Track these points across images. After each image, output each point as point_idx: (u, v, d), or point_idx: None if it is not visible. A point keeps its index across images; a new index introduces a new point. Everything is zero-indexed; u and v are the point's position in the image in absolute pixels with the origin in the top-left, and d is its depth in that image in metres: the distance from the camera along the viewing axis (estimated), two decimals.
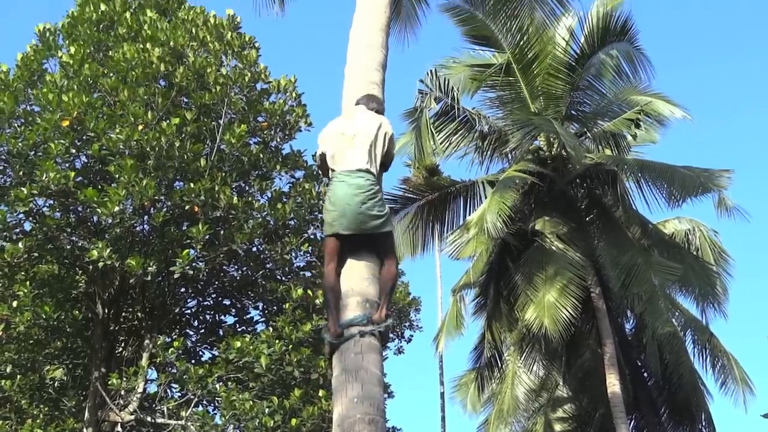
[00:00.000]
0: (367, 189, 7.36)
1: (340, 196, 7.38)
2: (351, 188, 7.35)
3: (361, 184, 7.38)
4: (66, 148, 15.04)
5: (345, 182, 7.41)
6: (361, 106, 8.03)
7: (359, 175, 7.43)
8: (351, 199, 7.31)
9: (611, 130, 21.07)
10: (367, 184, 7.39)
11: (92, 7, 17.20)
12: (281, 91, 17.19)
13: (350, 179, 7.41)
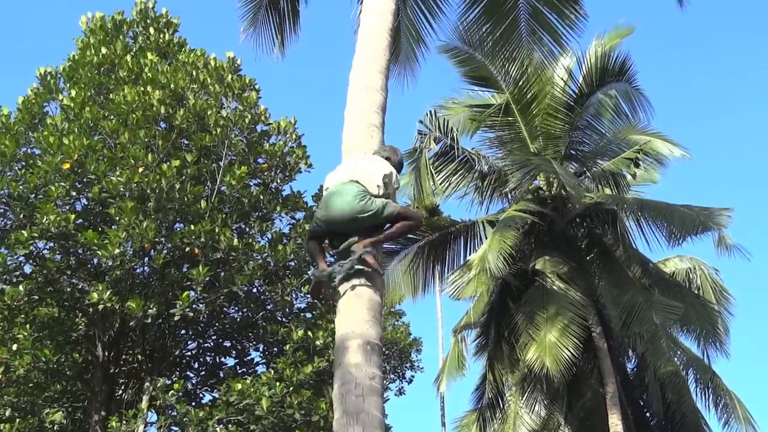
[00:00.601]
0: (355, 193, 7.41)
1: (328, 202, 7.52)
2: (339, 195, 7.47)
3: (348, 189, 7.47)
4: (66, 191, 15.08)
5: (334, 190, 7.55)
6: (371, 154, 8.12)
7: (348, 183, 7.52)
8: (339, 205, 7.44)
9: (611, 170, 21.10)
10: (355, 188, 7.45)
11: (93, 51, 17.32)
12: (281, 132, 17.26)
13: (339, 186, 7.54)
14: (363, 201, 7.40)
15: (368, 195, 7.47)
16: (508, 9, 14.17)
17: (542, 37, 14.23)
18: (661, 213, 20.26)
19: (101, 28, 17.91)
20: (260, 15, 14.86)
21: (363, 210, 7.39)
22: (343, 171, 7.80)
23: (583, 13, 14.05)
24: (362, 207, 7.39)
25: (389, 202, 7.57)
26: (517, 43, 14.45)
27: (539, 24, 14.18)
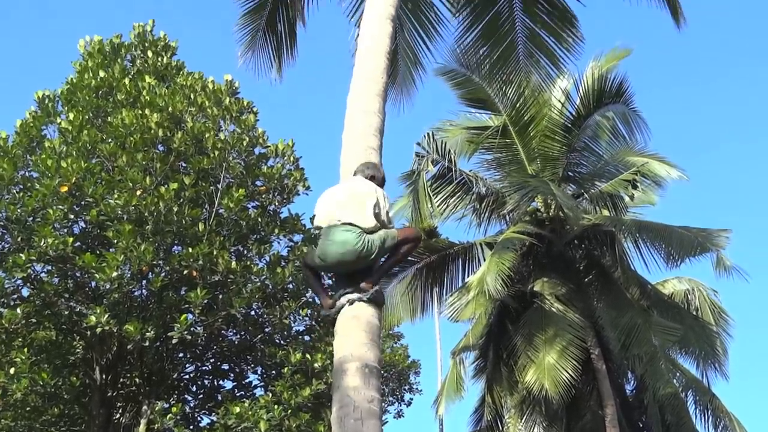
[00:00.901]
0: (353, 243, 7.38)
1: (326, 253, 7.50)
2: (336, 245, 7.44)
3: (345, 238, 7.42)
4: (64, 214, 15.06)
5: (331, 240, 7.48)
6: (357, 176, 8.08)
7: (345, 228, 7.47)
8: (340, 255, 7.42)
9: (608, 191, 21.14)
10: (352, 237, 7.40)
11: (91, 74, 17.34)
12: (279, 155, 17.26)
13: (336, 235, 7.47)
14: (362, 247, 7.39)
15: (365, 238, 7.43)
16: (506, 32, 14.26)
17: (539, 59, 14.32)
18: (660, 234, 20.28)
19: (99, 52, 17.93)
20: (258, 38, 14.93)
21: (366, 255, 7.42)
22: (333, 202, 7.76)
23: (580, 36, 14.13)
24: (364, 253, 7.41)
25: (388, 234, 7.56)
26: (514, 65, 14.53)
27: (536, 47, 14.26)
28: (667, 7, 13.47)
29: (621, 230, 20.58)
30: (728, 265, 21.01)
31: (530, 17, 14.17)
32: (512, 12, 14.18)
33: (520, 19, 14.20)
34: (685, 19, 13.57)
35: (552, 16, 14.09)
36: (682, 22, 13.56)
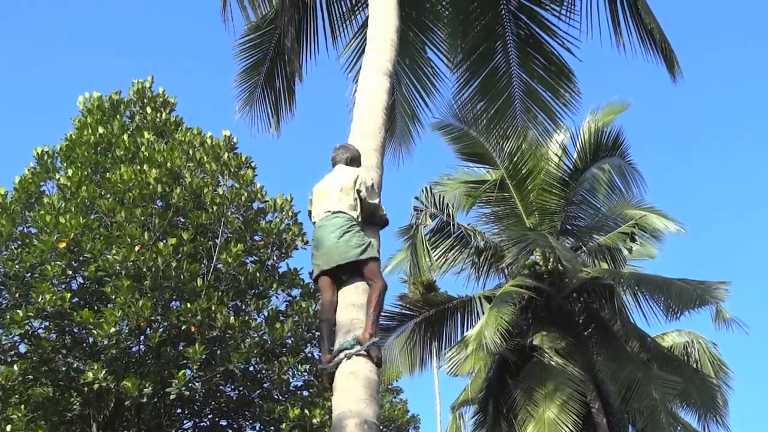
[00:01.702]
0: (341, 225, 7.89)
1: (320, 239, 8.00)
2: (328, 229, 7.94)
3: (335, 222, 7.93)
4: (62, 270, 15.05)
5: (323, 226, 8.01)
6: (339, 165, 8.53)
7: (335, 215, 7.99)
8: (329, 238, 7.88)
9: (607, 244, 21.18)
10: (342, 221, 7.92)
11: (90, 130, 17.41)
12: (277, 210, 17.30)
13: (327, 221, 8.00)
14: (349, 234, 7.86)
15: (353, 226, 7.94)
16: (503, 87, 14.38)
17: (537, 114, 14.43)
18: (659, 287, 20.27)
19: (98, 108, 18.03)
20: (256, 94, 15.04)
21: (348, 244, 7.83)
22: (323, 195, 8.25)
23: (577, 90, 14.26)
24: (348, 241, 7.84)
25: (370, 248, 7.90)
26: (511, 120, 14.64)
27: (533, 102, 14.38)
28: (663, 61, 13.56)
29: (620, 283, 20.55)
30: (727, 318, 20.97)
31: (527, 72, 14.30)
32: (509, 67, 14.31)
33: (516, 75, 14.33)
34: (681, 72, 13.66)
35: (549, 71, 14.21)
36: (678, 76, 13.63)
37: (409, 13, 14.15)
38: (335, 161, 8.57)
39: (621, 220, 21.22)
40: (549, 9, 14.06)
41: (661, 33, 13.33)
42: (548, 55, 14.20)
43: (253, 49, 14.98)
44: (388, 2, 10.76)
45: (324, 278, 8.03)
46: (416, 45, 14.75)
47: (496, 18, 14.20)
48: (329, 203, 8.09)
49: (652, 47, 13.43)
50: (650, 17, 13.23)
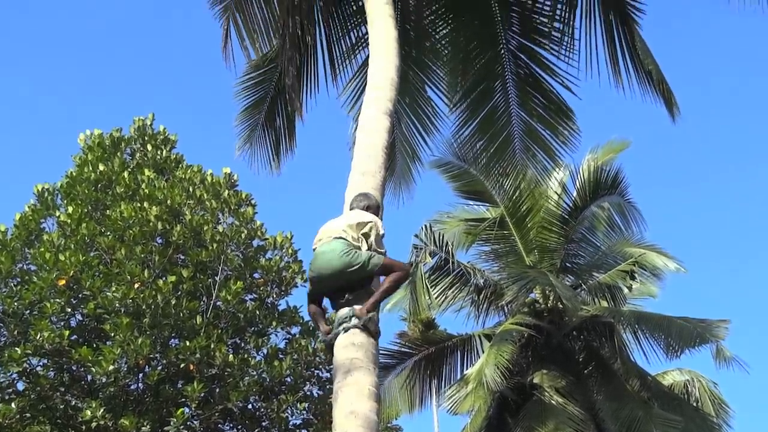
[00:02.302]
0: (340, 249, 7.71)
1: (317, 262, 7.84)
2: (326, 254, 7.77)
3: (334, 246, 7.77)
4: (61, 307, 15.04)
5: (321, 250, 7.85)
6: (354, 209, 8.43)
7: (334, 240, 7.83)
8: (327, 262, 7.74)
9: (607, 283, 21.19)
10: (341, 245, 7.75)
11: (91, 168, 17.44)
12: (277, 247, 17.30)
13: (325, 246, 7.84)
14: (348, 256, 7.70)
15: (353, 249, 7.77)
16: (502, 126, 14.44)
17: (536, 153, 14.49)
18: (659, 325, 20.26)
19: (99, 145, 18.06)
20: (257, 132, 15.10)
21: (349, 264, 7.68)
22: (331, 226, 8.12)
23: (576, 129, 14.32)
24: (348, 261, 7.68)
25: (374, 254, 7.84)
26: (511, 158, 14.69)
27: (533, 140, 14.44)
28: (662, 101, 13.64)
29: (620, 321, 20.55)
30: (728, 356, 20.94)
31: (526, 111, 14.37)
32: (508, 106, 14.38)
33: (516, 113, 14.40)
34: (679, 111, 13.74)
35: (548, 110, 14.28)
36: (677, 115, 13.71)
37: (409, 52, 14.23)
38: (351, 207, 8.52)
39: (621, 258, 21.25)
40: (548, 48, 14.15)
41: (659, 73, 13.42)
42: (547, 94, 14.27)
43: (254, 87, 15.06)
44: (389, 42, 10.81)
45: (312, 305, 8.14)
46: (416, 83, 14.82)
47: (496, 57, 14.29)
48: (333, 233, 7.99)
49: (650, 87, 13.52)
50: (649, 58, 13.33)
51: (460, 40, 14.57)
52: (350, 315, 7.59)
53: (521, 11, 14.24)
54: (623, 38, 13.50)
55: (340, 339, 7.58)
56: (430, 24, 14.70)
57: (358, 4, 13.95)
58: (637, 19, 13.45)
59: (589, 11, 13.60)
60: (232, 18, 13.45)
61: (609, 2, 13.48)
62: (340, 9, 14.34)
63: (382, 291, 7.82)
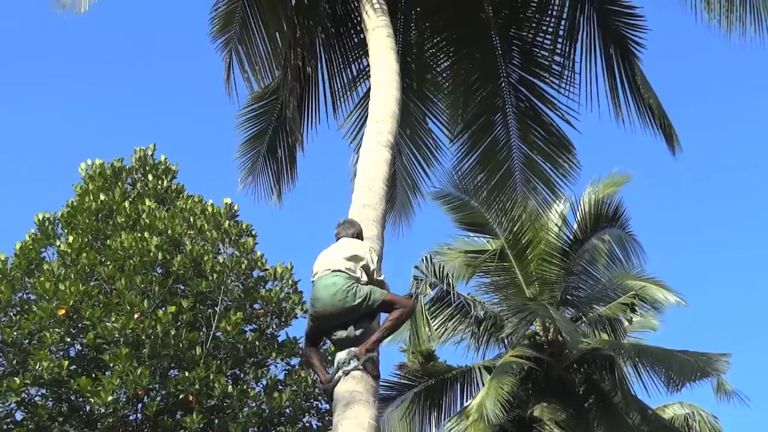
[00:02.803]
0: (341, 285, 7.57)
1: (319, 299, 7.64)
2: (328, 288, 7.60)
3: (334, 281, 7.61)
4: (61, 337, 15.03)
5: (323, 284, 7.66)
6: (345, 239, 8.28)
7: (334, 274, 7.68)
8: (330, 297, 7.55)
9: (607, 315, 21.14)
10: (341, 280, 7.61)
11: (92, 197, 17.45)
12: (278, 278, 17.30)
13: (327, 280, 7.66)
14: (349, 292, 7.56)
15: (353, 283, 7.64)
16: (503, 158, 14.49)
17: (537, 185, 14.53)
18: (659, 359, 20.18)
19: (100, 175, 18.09)
20: (258, 164, 15.13)
21: (351, 300, 7.55)
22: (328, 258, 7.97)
23: (576, 162, 14.36)
24: (351, 297, 7.55)
25: (375, 289, 7.75)
26: (511, 191, 14.72)
27: (533, 173, 14.48)
28: (662, 135, 13.68)
29: (620, 354, 20.48)
30: (729, 390, 20.89)
31: (527, 144, 14.41)
32: (509, 139, 14.43)
33: (516, 146, 14.45)
34: (680, 146, 13.78)
35: (548, 143, 14.33)
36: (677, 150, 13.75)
37: (410, 84, 14.30)
38: (339, 236, 8.39)
39: (621, 290, 21.21)
40: (549, 82, 14.22)
41: (659, 107, 13.48)
42: (548, 127, 14.32)
43: (255, 118, 15.11)
44: (390, 75, 10.86)
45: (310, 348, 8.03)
46: (417, 115, 14.87)
47: (497, 90, 14.35)
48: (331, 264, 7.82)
49: (651, 121, 13.56)
50: (649, 92, 13.38)
51: (462, 73, 14.65)
52: (349, 358, 7.50)
53: (522, 45, 14.32)
54: (624, 72, 13.56)
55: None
56: (432, 57, 14.78)
57: (359, 37, 14.02)
58: (637, 53, 13.51)
59: (590, 45, 13.68)
60: (234, 50, 13.51)
61: (609, 37, 13.55)
62: (342, 42, 14.41)
63: (383, 329, 7.72)
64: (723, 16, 12.13)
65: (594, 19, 13.61)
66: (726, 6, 12.08)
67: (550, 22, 14.15)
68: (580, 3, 13.63)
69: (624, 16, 13.49)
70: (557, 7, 14.00)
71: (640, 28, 13.42)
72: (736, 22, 12.18)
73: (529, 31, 14.35)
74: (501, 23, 14.23)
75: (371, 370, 7.51)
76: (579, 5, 13.63)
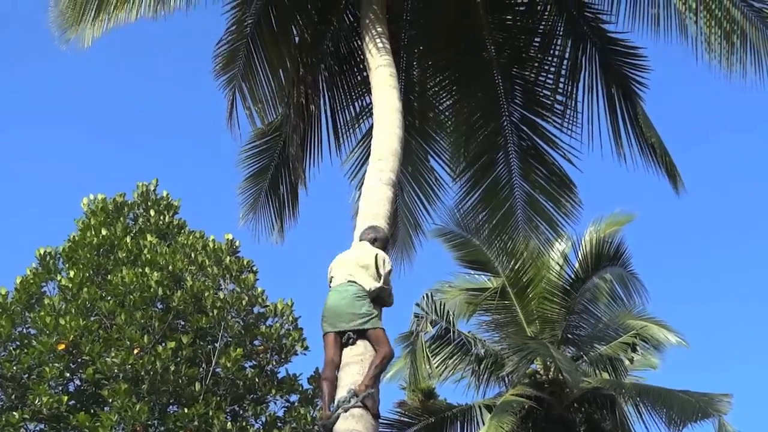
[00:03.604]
0: (352, 293, 8.26)
1: (329, 302, 8.31)
2: (338, 294, 8.31)
3: (347, 289, 8.31)
4: (60, 372, 15.00)
5: (335, 290, 8.38)
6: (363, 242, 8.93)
7: (348, 284, 8.36)
8: (338, 303, 8.24)
9: (608, 354, 21.09)
10: (353, 290, 8.29)
11: (93, 232, 17.47)
12: (278, 314, 17.28)
13: (339, 288, 8.36)
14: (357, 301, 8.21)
15: (362, 297, 8.26)
16: (505, 197, 14.49)
17: (538, 224, 14.52)
18: (660, 398, 20.10)
19: (102, 210, 18.11)
20: (260, 200, 15.12)
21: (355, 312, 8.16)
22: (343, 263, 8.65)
23: (578, 201, 14.35)
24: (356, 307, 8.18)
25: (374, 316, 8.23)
26: (513, 229, 14.72)
27: (535, 212, 14.47)
28: (665, 174, 13.70)
29: (621, 394, 20.40)
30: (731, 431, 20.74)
31: (529, 183, 14.42)
32: (511, 178, 14.44)
33: (518, 185, 14.45)
34: (684, 185, 13.79)
35: (550, 181, 14.33)
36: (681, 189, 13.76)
37: (412, 122, 14.32)
38: (360, 239, 8.97)
39: (622, 330, 21.19)
40: (551, 121, 14.24)
41: (662, 146, 13.49)
42: (550, 166, 14.33)
43: (258, 155, 15.13)
44: (392, 113, 10.90)
45: (330, 335, 8.27)
46: (419, 153, 14.89)
47: (499, 129, 14.38)
48: (348, 273, 8.45)
49: (653, 160, 13.57)
50: (651, 131, 13.41)
51: (464, 111, 14.69)
52: (349, 396, 7.69)
53: (524, 84, 14.36)
54: (626, 111, 13.59)
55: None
56: (434, 95, 14.83)
57: (362, 75, 14.08)
58: (639, 93, 13.55)
59: (592, 85, 13.72)
60: (237, 87, 13.54)
61: (611, 76, 13.60)
62: (345, 79, 14.48)
63: (376, 367, 7.98)
64: (723, 57, 12.16)
65: (596, 59, 13.66)
66: (726, 48, 12.12)
67: (552, 61, 14.20)
68: (582, 43, 13.68)
69: (626, 56, 13.54)
70: (559, 47, 14.05)
71: (643, 68, 13.47)
72: (737, 63, 12.21)
73: (532, 70, 14.40)
74: (503, 62, 14.28)
75: (371, 407, 7.67)
76: (581, 45, 13.69)
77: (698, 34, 12.20)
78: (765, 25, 12.09)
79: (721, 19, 12.08)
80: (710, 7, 12.14)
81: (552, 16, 14.04)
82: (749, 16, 12.09)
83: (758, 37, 12.12)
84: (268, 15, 13.43)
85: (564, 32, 13.89)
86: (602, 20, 13.62)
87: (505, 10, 14.52)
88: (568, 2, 13.71)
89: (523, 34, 14.49)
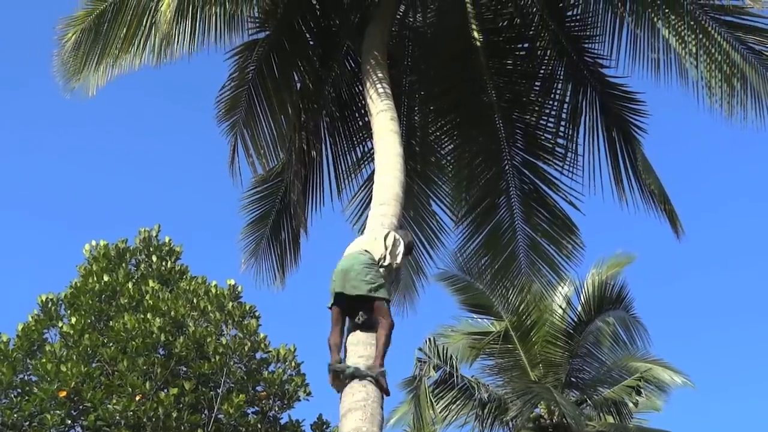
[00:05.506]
0: (362, 261, 8.54)
1: (340, 266, 8.59)
2: (348, 260, 8.64)
3: (357, 257, 8.64)
4: (62, 419, 14.92)
5: (346, 257, 8.75)
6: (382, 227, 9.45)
7: (359, 252, 8.74)
8: (349, 266, 8.49)
9: (612, 398, 21.03)
10: (364, 258, 8.60)
11: (95, 278, 17.45)
12: (281, 360, 17.20)
13: (351, 255, 8.72)
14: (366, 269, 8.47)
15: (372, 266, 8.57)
16: (507, 241, 14.51)
17: (541, 268, 14.52)
18: None
19: (104, 256, 18.10)
20: (262, 246, 15.10)
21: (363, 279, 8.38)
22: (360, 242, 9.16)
23: (580, 244, 14.36)
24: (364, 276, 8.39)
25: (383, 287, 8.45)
26: (516, 273, 14.72)
27: (538, 255, 14.48)
28: (666, 218, 13.71)
29: None
30: None
31: (531, 226, 14.43)
32: (513, 221, 14.47)
33: (521, 228, 14.47)
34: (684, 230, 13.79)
35: (552, 225, 14.34)
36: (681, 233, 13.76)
37: (414, 167, 14.35)
38: None
39: (626, 373, 21.18)
40: (552, 164, 14.27)
41: (661, 191, 13.50)
42: (551, 209, 14.35)
43: (259, 201, 15.14)
44: (393, 158, 10.92)
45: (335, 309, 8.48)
46: (421, 197, 14.92)
47: (501, 173, 14.42)
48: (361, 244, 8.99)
49: (654, 204, 13.59)
50: (651, 177, 13.42)
51: (465, 155, 14.74)
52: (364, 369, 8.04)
53: (525, 128, 14.42)
54: (626, 155, 13.62)
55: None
56: (436, 140, 14.89)
57: (364, 120, 14.12)
58: (639, 137, 13.59)
59: (592, 128, 13.77)
60: (239, 133, 13.59)
61: (611, 120, 13.65)
62: (346, 125, 14.54)
63: (383, 345, 8.31)
64: (724, 101, 12.21)
65: (596, 103, 13.72)
66: (727, 91, 12.17)
67: (553, 105, 14.27)
68: (582, 87, 13.76)
69: (625, 101, 13.59)
70: (560, 91, 14.12)
71: (641, 113, 13.52)
72: (737, 106, 12.26)
73: (533, 114, 14.46)
74: (504, 107, 14.36)
75: (382, 382, 8.03)
76: (581, 89, 13.76)
77: (699, 78, 12.26)
78: (765, 68, 12.14)
79: (722, 62, 12.14)
80: (710, 51, 12.20)
81: (552, 60, 14.13)
82: (749, 59, 12.14)
83: (758, 80, 12.16)
84: (270, 61, 13.50)
85: (564, 76, 13.97)
86: (602, 65, 13.71)
87: (505, 56, 14.63)
88: (568, 47, 13.80)
89: (524, 78, 14.57)
